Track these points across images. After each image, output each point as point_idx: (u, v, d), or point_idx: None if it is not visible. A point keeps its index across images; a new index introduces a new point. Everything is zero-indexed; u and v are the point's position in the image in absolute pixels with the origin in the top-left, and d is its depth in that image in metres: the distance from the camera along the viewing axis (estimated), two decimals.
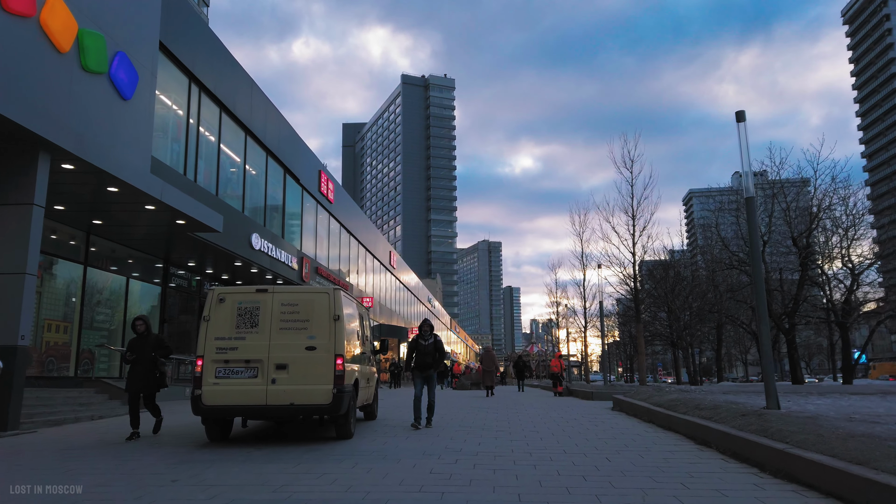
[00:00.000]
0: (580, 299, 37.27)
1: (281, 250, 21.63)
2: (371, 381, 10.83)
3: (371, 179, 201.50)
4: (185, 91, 16.19)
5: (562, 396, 19.77)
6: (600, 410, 12.96)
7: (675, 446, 7.25)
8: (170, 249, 17.69)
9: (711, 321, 30.72)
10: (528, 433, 8.80)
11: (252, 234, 19.23)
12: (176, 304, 19.81)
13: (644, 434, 8.56)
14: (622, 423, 10.04)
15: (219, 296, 8.06)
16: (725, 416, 7.50)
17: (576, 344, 50.34)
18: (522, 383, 31.50)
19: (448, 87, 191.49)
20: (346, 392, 7.87)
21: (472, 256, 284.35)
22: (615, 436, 8.39)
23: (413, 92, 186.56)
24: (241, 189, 19.63)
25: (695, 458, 6.38)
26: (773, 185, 22.55)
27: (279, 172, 23.01)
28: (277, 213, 23.07)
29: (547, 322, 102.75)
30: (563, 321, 48.91)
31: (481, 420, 10.92)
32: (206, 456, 6.84)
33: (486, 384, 20.81)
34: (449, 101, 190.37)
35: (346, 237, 32.87)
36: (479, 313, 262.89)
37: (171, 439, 8.38)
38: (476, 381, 32.10)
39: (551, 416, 11.53)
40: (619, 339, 57.74)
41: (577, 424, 9.94)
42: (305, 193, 25.68)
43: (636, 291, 20.64)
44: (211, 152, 17.90)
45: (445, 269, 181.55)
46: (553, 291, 48.66)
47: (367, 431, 9.11)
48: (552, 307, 49.97)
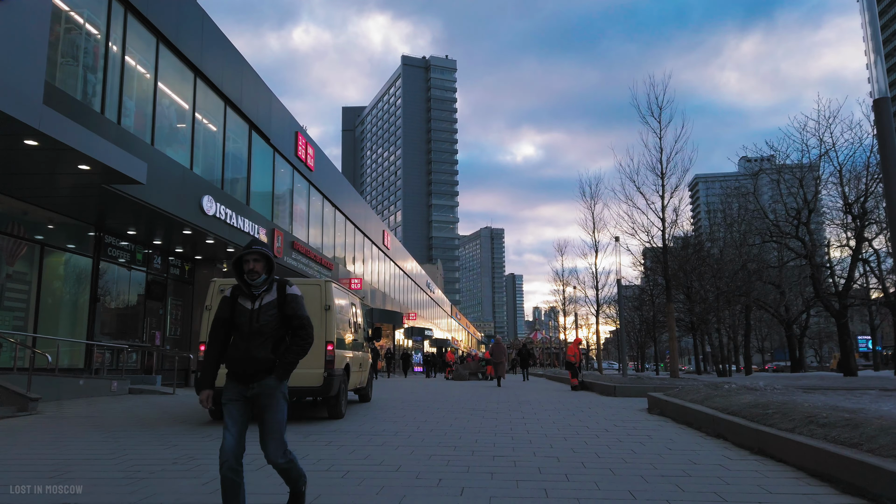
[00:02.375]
0: (589, 284, 34.08)
1: (245, 219, 18.40)
2: (364, 367, 11.49)
3: (371, 164, 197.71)
4: (105, 10, 12.87)
5: (576, 390, 16.64)
6: (633, 413, 9.78)
7: (812, 498, 4.05)
8: (101, 214, 14.50)
9: (738, 304, 27.51)
10: (542, 461, 5.61)
11: (203, 196, 15.99)
12: (114, 280, 16.64)
13: (731, 465, 5.36)
14: (680, 440, 6.84)
15: (220, 287, 8.89)
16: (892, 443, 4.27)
17: (583, 331, 47.04)
18: (527, 372, 29.48)
19: (449, 68, 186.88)
20: (336, 375, 8.63)
21: (475, 243, 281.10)
22: (687, 470, 5.18)
23: (414, 73, 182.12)
24: (188, 142, 16.36)
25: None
26: (822, 142, 19.05)
27: (242, 128, 19.71)
28: (241, 176, 19.80)
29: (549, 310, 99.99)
30: (571, 307, 45.76)
31: (474, 431, 7.75)
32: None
33: (496, 374, 22.01)
34: (450, 83, 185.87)
35: (331, 211, 29.59)
36: (482, 300, 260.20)
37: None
38: (475, 370, 29.00)
39: (570, 424, 8.35)
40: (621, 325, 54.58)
41: (612, 441, 6.75)
42: (278, 156, 22.38)
43: (666, 265, 17.15)
44: (144, 92, 14.62)
45: (447, 255, 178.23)
46: (559, 276, 45.45)
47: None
48: (557, 293, 46.77)
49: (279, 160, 22.65)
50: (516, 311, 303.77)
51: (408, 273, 52.37)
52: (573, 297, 44.73)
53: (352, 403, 11.90)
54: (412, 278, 55.00)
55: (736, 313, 27.87)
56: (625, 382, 14.46)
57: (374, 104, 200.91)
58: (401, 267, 48.91)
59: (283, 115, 22.99)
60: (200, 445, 6.51)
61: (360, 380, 11.19)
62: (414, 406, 11.48)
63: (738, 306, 27.39)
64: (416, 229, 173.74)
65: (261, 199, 21.45)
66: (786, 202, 19.30)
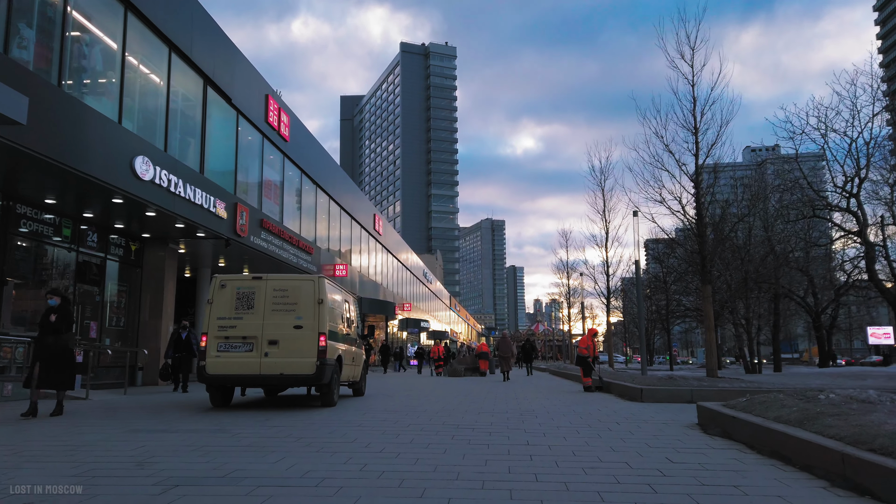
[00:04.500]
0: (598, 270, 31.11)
1: (197, 189, 15.51)
2: (357, 361, 11.98)
3: (369, 154, 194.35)
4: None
5: (591, 391, 13.79)
6: (682, 434, 6.94)
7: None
8: (3, 177, 11.67)
9: (767, 291, 24.64)
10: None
11: (136, 157, 13.09)
12: (30, 259, 13.79)
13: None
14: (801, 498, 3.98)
15: (220, 282, 9.66)
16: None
17: (590, 322, 44.08)
18: (531, 367, 27.15)
19: (449, 55, 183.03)
20: (328, 364, 9.33)
21: (476, 235, 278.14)
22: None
23: (413, 61, 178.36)
24: (116, 91, 13.44)
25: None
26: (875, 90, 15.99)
27: (194, 82, 16.78)
28: (193, 139, 16.90)
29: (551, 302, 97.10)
30: (577, 298, 42.91)
31: (450, 477, 4.89)
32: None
33: (503, 369, 22.00)
34: (450, 71, 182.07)
35: (311, 189, 26.68)
36: (483, 292, 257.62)
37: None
38: (472, 365, 26.20)
39: (600, 460, 5.48)
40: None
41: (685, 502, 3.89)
42: (243, 121, 19.46)
43: (702, 238, 13.99)
44: (50, 21, 11.70)
45: (446, 246, 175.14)
46: (564, 265, 42.60)
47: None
48: (561, 274, 43.85)
49: (245, 125, 19.74)
50: (517, 304, 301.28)
51: (403, 262, 49.46)
52: (579, 289, 41.86)
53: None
54: (408, 268, 52.10)
55: (764, 301, 25.00)
56: (652, 384, 11.60)
57: (372, 93, 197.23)
58: (394, 255, 46.00)
59: (250, 73, 20.05)
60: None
61: (353, 373, 11.68)
62: (381, 419, 8.63)
63: (765, 293, 24.50)
64: (415, 220, 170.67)
65: (221, 168, 18.56)
66: (831, 168, 16.34)
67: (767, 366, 33.43)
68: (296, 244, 22.55)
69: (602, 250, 27.56)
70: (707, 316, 13.64)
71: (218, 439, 6.37)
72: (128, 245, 16.90)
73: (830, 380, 14.03)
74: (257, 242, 19.35)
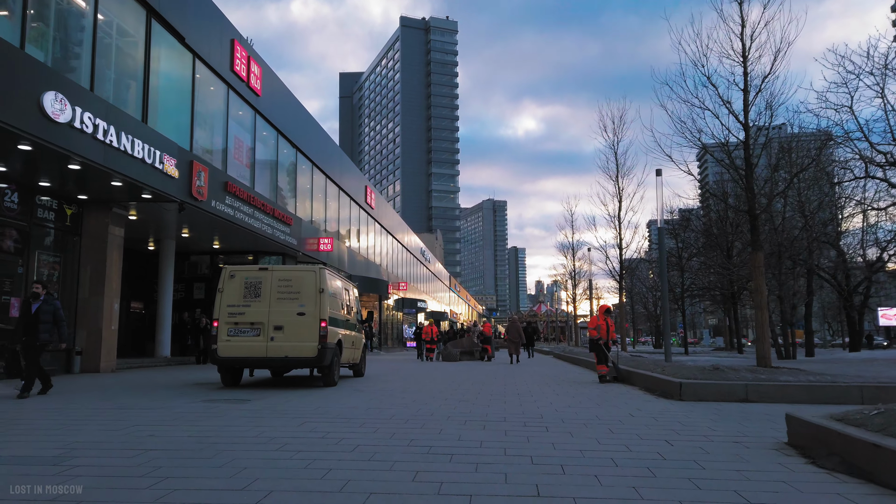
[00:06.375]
0: (610, 244, 28.48)
1: (136, 139, 12.89)
2: (357, 345, 13.07)
3: (369, 132, 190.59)
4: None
5: (606, 382, 11.32)
6: (775, 464, 4.47)
7: None
8: None
9: (801, 266, 22.08)
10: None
11: (45, 92, 10.48)
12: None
13: None
14: None
15: (230, 273, 10.52)
16: None
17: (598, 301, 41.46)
18: (532, 350, 25.36)
19: (450, 30, 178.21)
20: (328, 347, 10.20)
21: (477, 216, 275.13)
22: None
23: (413, 36, 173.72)
24: (19, 7, 10.77)
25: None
26: None
27: (134, 13, 14.05)
28: (133, 81, 14.24)
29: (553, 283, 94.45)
30: (581, 278, 40.32)
31: None
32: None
33: (511, 352, 21.85)
34: (451, 46, 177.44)
35: (291, 153, 24.02)
36: (484, 273, 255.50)
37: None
38: (468, 349, 23.80)
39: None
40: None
41: None
42: (201, 66, 16.77)
43: (750, 192, 11.18)
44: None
45: (447, 226, 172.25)
46: (569, 242, 39.96)
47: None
48: (566, 258, 41.29)
49: (204, 72, 17.05)
50: (518, 285, 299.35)
51: (399, 240, 46.87)
52: (587, 265, 39.23)
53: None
54: (405, 246, 49.52)
55: (798, 277, 22.47)
56: (692, 376, 9.07)
57: (371, 69, 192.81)
58: (389, 231, 43.41)
59: (210, 11, 17.29)
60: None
61: (353, 356, 12.64)
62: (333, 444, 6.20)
63: (799, 268, 21.93)
64: (415, 199, 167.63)
65: (172, 119, 15.93)
66: (888, 116, 13.62)
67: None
68: (270, 213, 19.97)
69: (614, 222, 24.94)
70: (758, 290, 10.90)
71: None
72: (61, 208, 14.36)
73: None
74: (221, 208, 16.79)
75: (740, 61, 11.05)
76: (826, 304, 48.89)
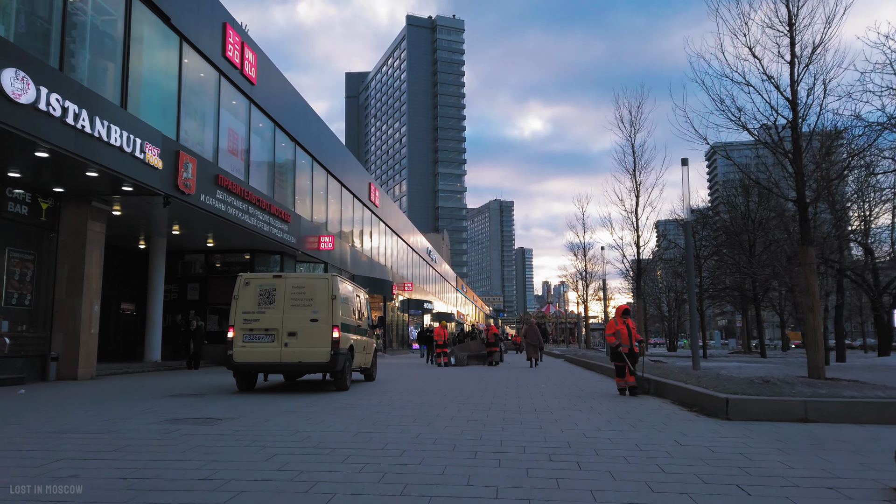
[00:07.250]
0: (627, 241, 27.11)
1: (114, 126, 11.76)
2: (368, 350, 13.22)
3: (375, 132, 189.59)
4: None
5: (631, 394, 10.04)
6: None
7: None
8: None
9: (831, 266, 20.73)
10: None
11: (4, 69, 9.36)
12: None
13: None
14: None
15: (245, 280, 10.69)
16: None
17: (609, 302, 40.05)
18: (542, 353, 23.85)
19: (457, 28, 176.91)
20: (341, 353, 10.44)
21: (484, 216, 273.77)
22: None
23: (419, 35, 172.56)
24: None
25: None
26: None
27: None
28: (112, 63, 13.12)
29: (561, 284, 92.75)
30: (592, 279, 38.93)
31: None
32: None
33: (529, 356, 21.57)
34: (458, 45, 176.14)
35: (289, 147, 22.87)
36: (491, 274, 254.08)
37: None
38: (476, 353, 22.56)
39: None
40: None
41: None
42: (189, 50, 15.65)
43: (800, 177, 9.50)
44: None
45: (454, 226, 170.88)
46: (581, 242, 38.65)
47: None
48: (577, 257, 39.96)
49: (193, 57, 15.92)
50: (525, 286, 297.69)
51: (404, 239, 45.68)
52: (600, 263, 37.86)
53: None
54: (411, 246, 48.32)
55: (828, 276, 21.10)
56: (739, 390, 7.79)
57: (378, 69, 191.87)
58: (395, 231, 42.23)
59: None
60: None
61: (364, 361, 12.76)
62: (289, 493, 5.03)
63: (829, 269, 20.55)
64: (421, 199, 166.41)
65: (155, 106, 14.81)
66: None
67: (795, 353, 29.63)
68: (266, 209, 18.83)
69: (631, 218, 23.57)
70: (809, 291, 9.48)
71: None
72: (36, 202, 13.27)
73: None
74: (211, 203, 15.65)
75: (786, 30, 9.79)
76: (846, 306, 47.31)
